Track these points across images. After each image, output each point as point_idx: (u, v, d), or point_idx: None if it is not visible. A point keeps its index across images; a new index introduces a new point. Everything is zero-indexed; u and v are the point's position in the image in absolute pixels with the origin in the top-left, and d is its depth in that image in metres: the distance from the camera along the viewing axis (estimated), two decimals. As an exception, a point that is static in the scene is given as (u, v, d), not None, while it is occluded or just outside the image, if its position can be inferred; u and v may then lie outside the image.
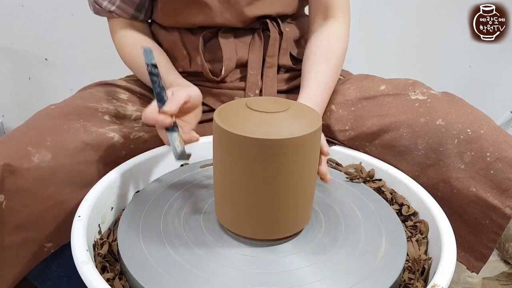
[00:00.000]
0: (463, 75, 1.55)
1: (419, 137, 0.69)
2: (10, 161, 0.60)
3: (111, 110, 0.75)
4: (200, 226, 0.59)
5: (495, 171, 0.63)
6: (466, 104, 0.71)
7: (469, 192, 0.64)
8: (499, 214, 0.63)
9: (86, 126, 0.70)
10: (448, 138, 0.66)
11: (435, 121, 0.68)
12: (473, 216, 0.65)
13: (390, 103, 0.73)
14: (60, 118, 0.69)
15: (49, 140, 0.65)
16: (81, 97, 0.77)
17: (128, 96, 0.81)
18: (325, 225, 0.60)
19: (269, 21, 0.83)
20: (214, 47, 0.83)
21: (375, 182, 0.72)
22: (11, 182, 0.60)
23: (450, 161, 0.66)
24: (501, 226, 0.63)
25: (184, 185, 0.67)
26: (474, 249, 0.67)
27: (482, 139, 0.64)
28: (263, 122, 0.50)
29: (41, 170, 0.62)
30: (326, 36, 0.81)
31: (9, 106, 1.40)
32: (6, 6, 1.29)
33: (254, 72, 0.83)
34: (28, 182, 0.61)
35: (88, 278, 0.48)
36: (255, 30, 0.84)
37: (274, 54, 0.84)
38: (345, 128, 0.77)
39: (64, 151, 0.65)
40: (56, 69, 1.36)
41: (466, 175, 0.65)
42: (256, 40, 0.83)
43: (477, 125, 0.65)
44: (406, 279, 0.56)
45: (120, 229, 0.58)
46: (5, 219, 0.60)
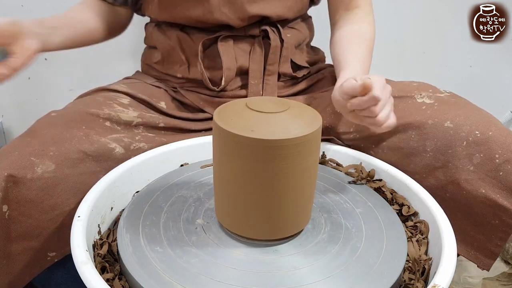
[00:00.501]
0: (464, 75, 1.55)
1: (427, 139, 0.68)
2: (14, 172, 0.60)
3: (112, 116, 0.75)
4: (200, 226, 0.59)
5: (504, 172, 0.63)
6: (473, 106, 0.71)
7: (478, 193, 0.65)
8: (509, 215, 0.63)
9: (89, 134, 0.70)
10: (457, 140, 0.66)
11: (443, 123, 0.68)
12: (483, 216, 0.66)
13: (396, 105, 0.72)
14: (62, 126, 0.69)
15: (52, 150, 0.64)
16: (82, 102, 0.77)
17: (129, 100, 0.81)
18: (325, 225, 0.60)
19: (270, 29, 0.82)
20: (213, 54, 0.82)
21: (376, 182, 0.72)
22: (15, 192, 0.60)
23: (459, 163, 0.66)
24: (510, 225, 0.64)
25: (184, 185, 0.67)
26: (484, 247, 0.67)
27: (491, 141, 0.64)
28: (263, 122, 0.50)
29: (45, 181, 0.62)
30: (355, 21, 0.81)
31: (8, 106, 1.40)
32: (6, 6, 1.28)
33: (256, 82, 0.83)
34: (32, 193, 0.61)
35: (87, 279, 0.48)
36: (255, 38, 0.83)
37: (275, 62, 0.83)
38: (350, 131, 0.77)
39: (67, 162, 0.65)
40: (56, 69, 1.36)
41: (475, 176, 0.65)
42: (257, 48, 0.82)
43: (486, 127, 0.65)
44: (406, 280, 0.56)
45: (119, 229, 0.58)
46: (8, 228, 0.60)
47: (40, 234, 0.63)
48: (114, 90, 0.82)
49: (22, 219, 0.61)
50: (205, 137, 0.79)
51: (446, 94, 0.74)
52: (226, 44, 0.81)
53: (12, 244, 0.61)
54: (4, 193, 0.59)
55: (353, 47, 0.78)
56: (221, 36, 0.81)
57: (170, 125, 0.81)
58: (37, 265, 0.65)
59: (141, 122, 0.78)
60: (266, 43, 0.83)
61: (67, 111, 0.74)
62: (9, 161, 0.61)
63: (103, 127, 0.73)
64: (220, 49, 0.80)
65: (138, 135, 0.76)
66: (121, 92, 0.81)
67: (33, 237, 0.62)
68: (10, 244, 0.61)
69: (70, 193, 0.65)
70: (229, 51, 0.81)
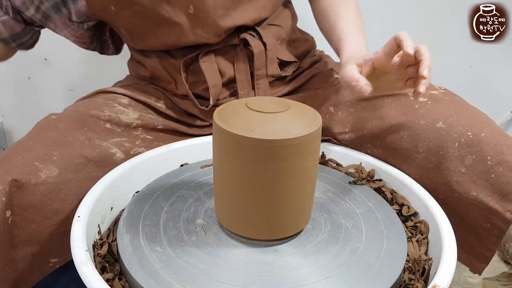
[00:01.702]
0: (463, 75, 1.55)
1: (419, 140, 0.68)
2: (18, 177, 0.60)
3: (113, 118, 0.75)
4: (200, 226, 0.58)
5: (496, 175, 0.62)
6: (466, 105, 0.70)
7: (470, 196, 0.64)
8: (500, 219, 0.62)
9: (91, 138, 0.69)
10: (449, 141, 0.65)
11: (436, 123, 0.67)
12: (475, 219, 0.65)
13: (390, 104, 0.72)
14: (64, 129, 0.69)
15: (55, 155, 0.64)
16: (82, 105, 0.77)
17: (128, 100, 0.80)
18: (325, 226, 0.60)
19: (249, 35, 0.78)
20: (197, 69, 0.79)
21: (375, 183, 0.72)
22: (19, 198, 0.60)
23: (451, 164, 0.65)
24: (502, 230, 0.63)
25: (184, 185, 0.67)
26: (476, 251, 0.67)
27: (483, 142, 0.63)
28: (263, 122, 0.50)
29: (48, 186, 0.62)
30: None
31: (8, 106, 1.40)
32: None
33: (245, 92, 0.81)
34: (36, 198, 0.61)
35: (87, 279, 0.48)
36: (236, 46, 0.80)
37: (262, 66, 0.80)
38: (345, 131, 0.76)
39: (70, 166, 0.65)
40: (56, 69, 1.36)
41: (467, 178, 0.64)
42: (240, 57, 0.80)
43: (478, 127, 0.64)
44: (406, 280, 0.55)
45: (119, 229, 0.58)
46: (11, 234, 0.59)
47: (42, 240, 0.62)
48: (113, 92, 0.82)
49: (25, 224, 0.61)
50: (205, 137, 0.79)
51: (441, 91, 0.73)
52: (208, 60, 0.79)
53: (14, 250, 0.60)
54: (8, 198, 0.58)
55: (341, 14, 0.75)
56: (201, 53, 0.78)
57: (168, 127, 0.80)
58: (39, 271, 0.64)
59: (140, 124, 0.78)
60: (248, 50, 0.80)
61: (67, 113, 0.74)
62: (12, 165, 0.61)
63: (104, 129, 0.73)
64: (202, 66, 0.78)
65: (138, 139, 0.76)
66: (120, 94, 0.81)
67: (35, 242, 0.62)
68: (13, 250, 0.60)
69: (73, 198, 0.64)
70: (211, 67, 0.79)
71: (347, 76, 0.62)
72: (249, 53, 0.80)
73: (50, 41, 0.98)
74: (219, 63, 0.80)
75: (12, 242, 0.60)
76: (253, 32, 0.80)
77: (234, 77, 0.80)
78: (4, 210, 0.58)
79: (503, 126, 1.60)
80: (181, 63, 0.78)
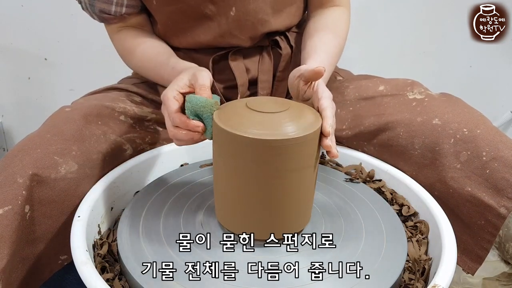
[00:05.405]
0: (463, 75, 1.55)
1: (415, 136, 0.68)
2: (38, 171, 0.59)
3: (128, 110, 0.75)
4: (200, 226, 0.58)
5: (491, 170, 0.62)
6: (463, 103, 0.71)
7: (464, 191, 0.64)
8: (494, 214, 0.62)
9: (106, 133, 0.69)
10: (444, 138, 0.66)
11: (432, 120, 0.67)
12: (469, 216, 0.65)
13: (388, 103, 0.73)
14: (80, 121, 0.68)
15: (74, 150, 0.64)
16: (95, 97, 0.76)
17: (141, 99, 0.80)
18: (325, 225, 0.60)
19: (279, 38, 0.81)
20: (222, 68, 0.80)
21: (375, 183, 0.72)
22: (38, 192, 0.59)
23: (446, 160, 0.66)
24: (496, 226, 0.63)
25: (184, 185, 0.67)
26: (470, 250, 0.67)
27: (478, 138, 0.64)
28: (263, 122, 0.50)
29: (67, 181, 0.62)
30: (331, 17, 0.80)
31: (8, 106, 1.40)
32: (6, 6, 1.28)
33: (265, 93, 0.81)
34: (55, 193, 0.60)
35: (87, 279, 0.48)
36: (264, 48, 0.81)
37: (286, 68, 0.82)
38: (343, 128, 0.77)
39: (88, 162, 0.65)
40: (55, 69, 1.36)
41: (462, 174, 0.64)
42: (266, 58, 0.81)
43: (474, 124, 0.65)
44: (406, 280, 0.56)
45: (119, 229, 0.58)
46: (29, 230, 0.59)
47: (55, 237, 0.62)
48: (124, 89, 0.81)
49: (42, 220, 0.60)
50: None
51: (438, 93, 0.74)
52: (237, 59, 0.80)
53: (30, 246, 0.59)
54: (28, 192, 0.57)
55: (325, 41, 0.76)
56: (230, 51, 0.79)
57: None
58: (48, 269, 0.63)
59: (154, 118, 0.78)
60: (274, 51, 0.82)
61: (81, 105, 0.72)
62: (32, 159, 0.60)
63: (119, 123, 0.73)
64: (232, 65, 0.79)
65: (149, 135, 0.76)
66: (132, 92, 0.81)
67: (49, 239, 0.61)
68: (28, 246, 0.59)
69: None
70: (240, 66, 0.80)
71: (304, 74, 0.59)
72: (275, 57, 0.82)
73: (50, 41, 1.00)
74: (245, 63, 0.81)
75: (28, 238, 0.59)
76: (282, 36, 0.82)
77: (256, 78, 0.81)
78: (23, 205, 0.57)
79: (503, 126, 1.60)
80: (209, 60, 0.79)
